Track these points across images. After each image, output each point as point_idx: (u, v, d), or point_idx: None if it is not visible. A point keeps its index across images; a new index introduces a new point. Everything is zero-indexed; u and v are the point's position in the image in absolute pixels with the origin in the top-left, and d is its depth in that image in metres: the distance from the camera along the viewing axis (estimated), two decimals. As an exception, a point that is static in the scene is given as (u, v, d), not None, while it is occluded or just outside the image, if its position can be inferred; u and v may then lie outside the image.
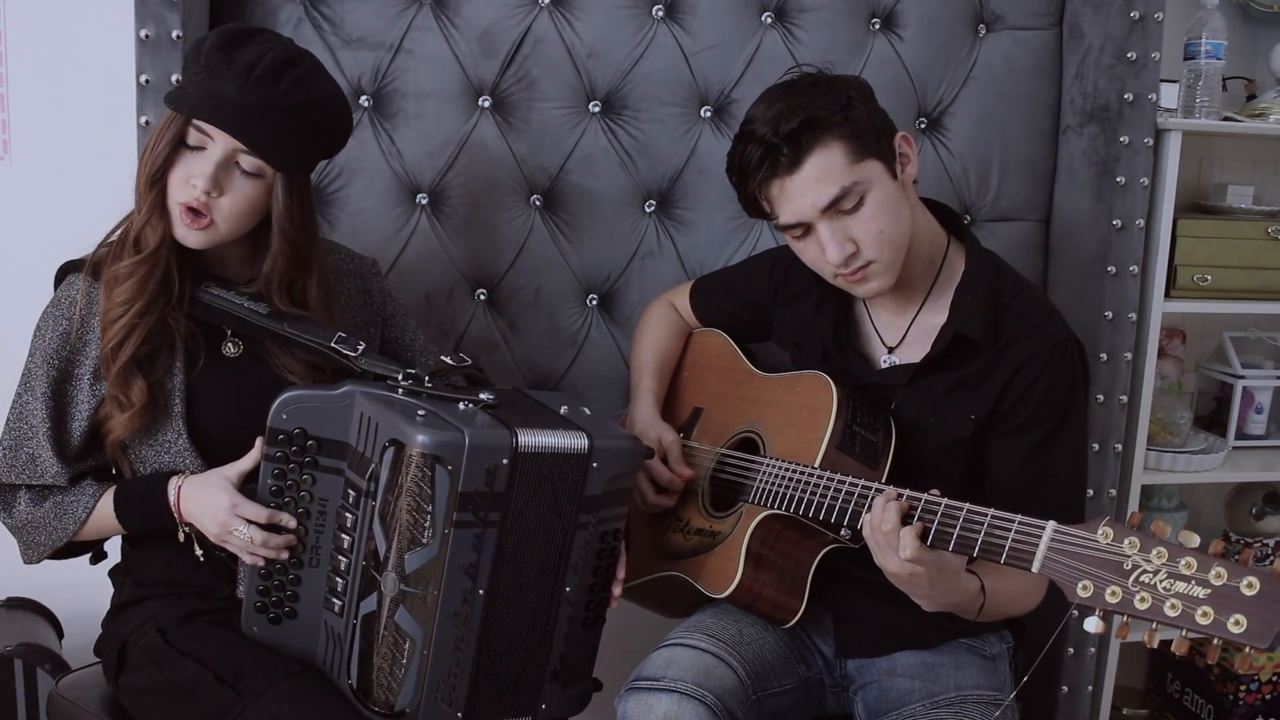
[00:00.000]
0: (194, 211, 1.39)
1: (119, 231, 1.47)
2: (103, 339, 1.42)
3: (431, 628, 1.30)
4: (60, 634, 1.99)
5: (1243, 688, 2.37)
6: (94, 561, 1.57)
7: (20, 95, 1.98)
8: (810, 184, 1.39)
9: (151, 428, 1.45)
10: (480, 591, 1.32)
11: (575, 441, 1.33)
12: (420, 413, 1.28)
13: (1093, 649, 2.09)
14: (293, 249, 1.46)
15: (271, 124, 1.37)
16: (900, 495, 1.30)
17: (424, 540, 1.27)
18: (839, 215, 1.40)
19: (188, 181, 1.38)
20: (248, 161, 1.39)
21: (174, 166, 1.39)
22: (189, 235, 1.41)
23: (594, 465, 1.35)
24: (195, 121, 1.38)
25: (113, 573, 1.58)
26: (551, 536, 1.36)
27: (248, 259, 1.51)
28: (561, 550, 1.37)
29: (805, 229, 1.44)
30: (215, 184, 1.38)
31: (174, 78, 1.74)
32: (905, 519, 1.28)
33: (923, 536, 1.26)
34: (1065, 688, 2.11)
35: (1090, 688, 2.12)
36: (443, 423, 1.27)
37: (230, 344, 1.50)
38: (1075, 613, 2.06)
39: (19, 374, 1.47)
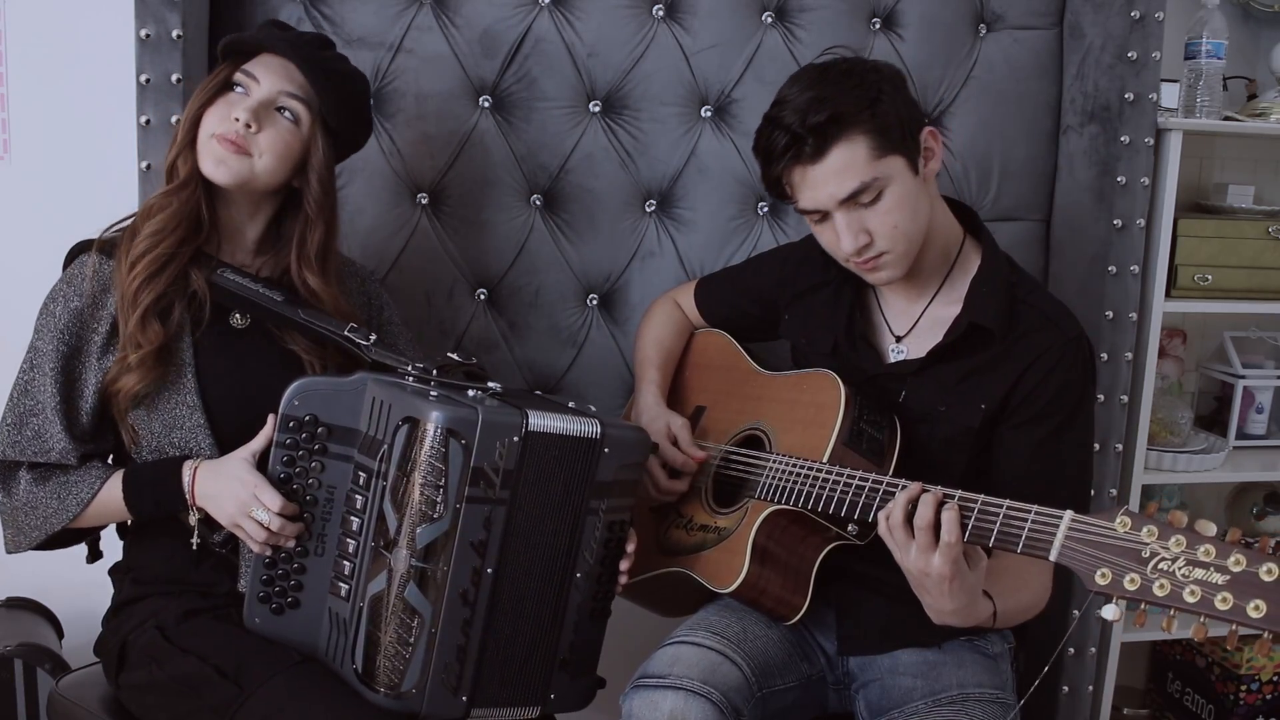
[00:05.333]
0: (230, 142, 1.43)
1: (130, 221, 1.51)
2: (124, 282, 1.43)
3: (440, 604, 1.31)
4: (60, 634, 1.99)
5: (1243, 688, 2.37)
6: (90, 560, 1.57)
7: (20, 95, 1.98)
8: (831, 176, 1.41)
9: (163, 392, 1.45)
10: (489, 570, 1.34)
11: (587, 427, 1.38)
12: (433, 393, 1.33)
13: (1093, 649, 2.09)
14: (325, 196, 1.51)
15: (321, 70, 1.48)
16: (924, 489, 1.29)
17: (435, 515, 1.30)
18: (856, 207, 1.43)
19: (228, 116, 1.44)
20: (290, 106, 1.47)
21: (212, 105, 1.46)
22: (219, 166, 1.44)
23: (605, 451, 1.39)
24: (244, 69, 1.46)
25: (112, 571, 1.57)
26: (561, 519, 1.38)
27: (256, 250, 1.55)
28: (571, 534, 1.39)
29: (823, 215, 1.46)
30: (255, 117, 1.44)
31: (174, 77, 1.75)
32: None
33: (959, 517, 1.25)
34: (1065, 688, 2.11)
35: (1091, 688, 2.11)
36: (456, 402, 1.32)
37: (238, 315, 1.52)
38: (1076, 614, 2.06)
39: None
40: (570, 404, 1.45)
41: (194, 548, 1.45)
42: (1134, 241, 2.02)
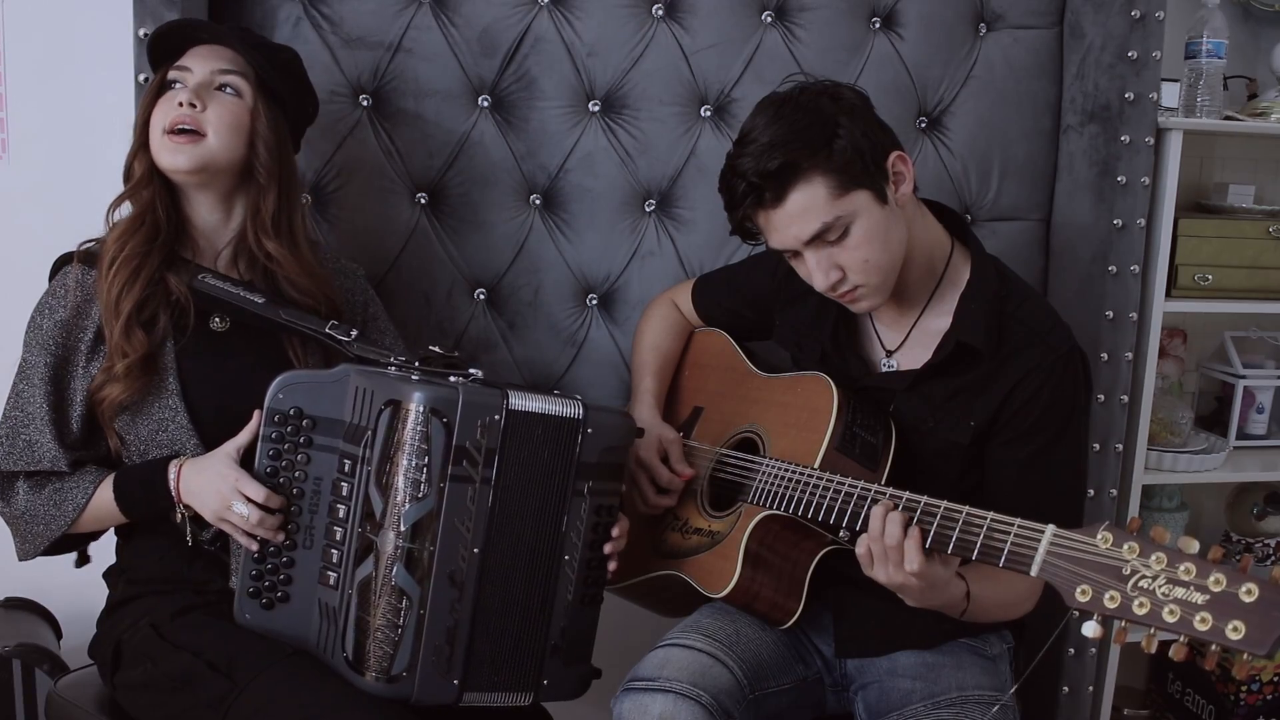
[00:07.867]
0: (181, 131, 1.46)
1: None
2: (105, 290, 1.45)
3: (428, 585, 1.32)
4: (59, 634, 1.99)
5: (1244, 688, 2.37)
6: (79, 565, 1.58)
7: (19, 94, 1.98)
8: (793, 218, 1.40)
9: (146, 397, 1.46)
10: (475, 550, 1.34)
11: (569, 408, 1.39)
12: (415, 376, 1.35)
13: (1093, 649, 2.09)
14: (274, 163, 1.52)
15: (247, 43, 1.52)
16: (897, 505, 1.30)
17: (420, 495, 1.31)
18: (824, 245, 1.42)
19: (171, 104, 1.47)
20: (228, 81, 1.50)
21: (156, 106, 1.49)
22: (176, 154, 1.47)
23: (588, 431, 1.40)
24: (176, 65, 1.50)
25: (107, 574, 1.58)
26: (546, 500, 1.39)
27: (233, 247, 1.55)
28: (558, 516, 1.40)
29: (795, 253, 1.46)
30: (197, 96, 1.47)
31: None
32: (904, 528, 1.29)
33: (921, 539, 1.27)
34: (1066, 688, 2.10)
35: (1091, 688, 2.11)
36: (437, 384, 1.34)
37: (217, 318, 1.54)
38: (1076, 613, 2.05)
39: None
40: (555, 390, 1.46)
41: (189, 544, 1.45)
42: (1134, 241, 2.02)
